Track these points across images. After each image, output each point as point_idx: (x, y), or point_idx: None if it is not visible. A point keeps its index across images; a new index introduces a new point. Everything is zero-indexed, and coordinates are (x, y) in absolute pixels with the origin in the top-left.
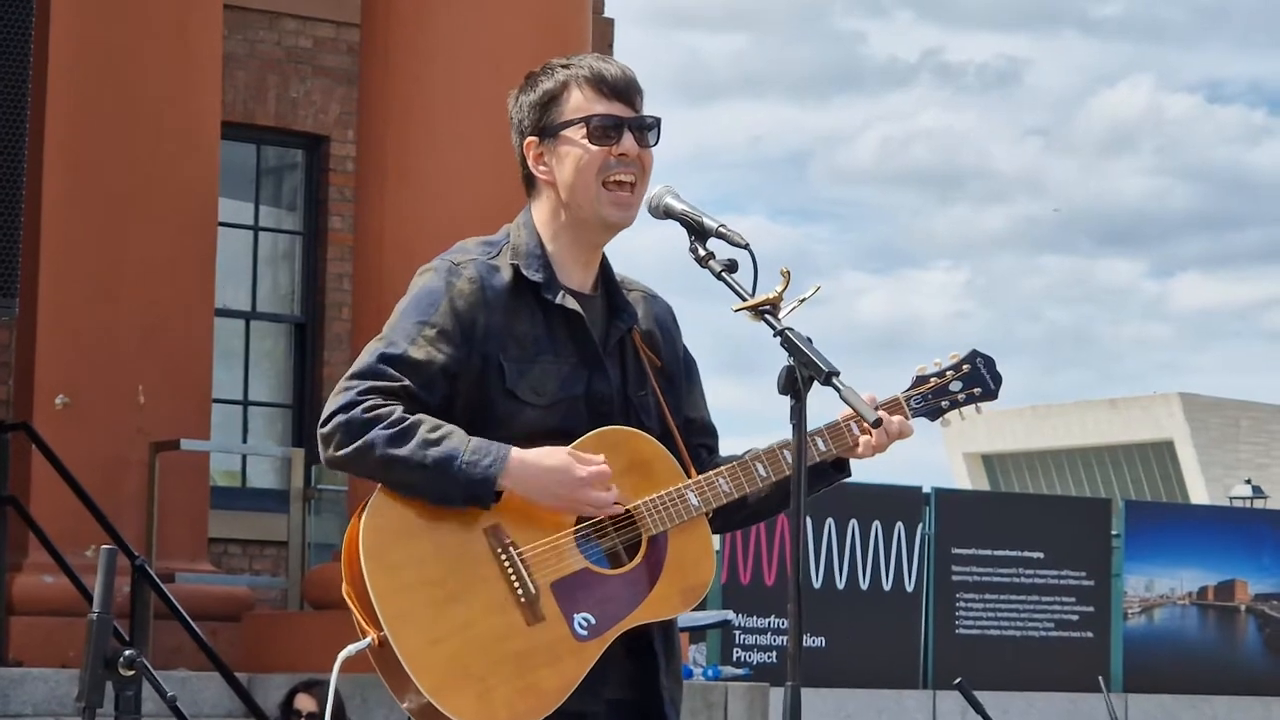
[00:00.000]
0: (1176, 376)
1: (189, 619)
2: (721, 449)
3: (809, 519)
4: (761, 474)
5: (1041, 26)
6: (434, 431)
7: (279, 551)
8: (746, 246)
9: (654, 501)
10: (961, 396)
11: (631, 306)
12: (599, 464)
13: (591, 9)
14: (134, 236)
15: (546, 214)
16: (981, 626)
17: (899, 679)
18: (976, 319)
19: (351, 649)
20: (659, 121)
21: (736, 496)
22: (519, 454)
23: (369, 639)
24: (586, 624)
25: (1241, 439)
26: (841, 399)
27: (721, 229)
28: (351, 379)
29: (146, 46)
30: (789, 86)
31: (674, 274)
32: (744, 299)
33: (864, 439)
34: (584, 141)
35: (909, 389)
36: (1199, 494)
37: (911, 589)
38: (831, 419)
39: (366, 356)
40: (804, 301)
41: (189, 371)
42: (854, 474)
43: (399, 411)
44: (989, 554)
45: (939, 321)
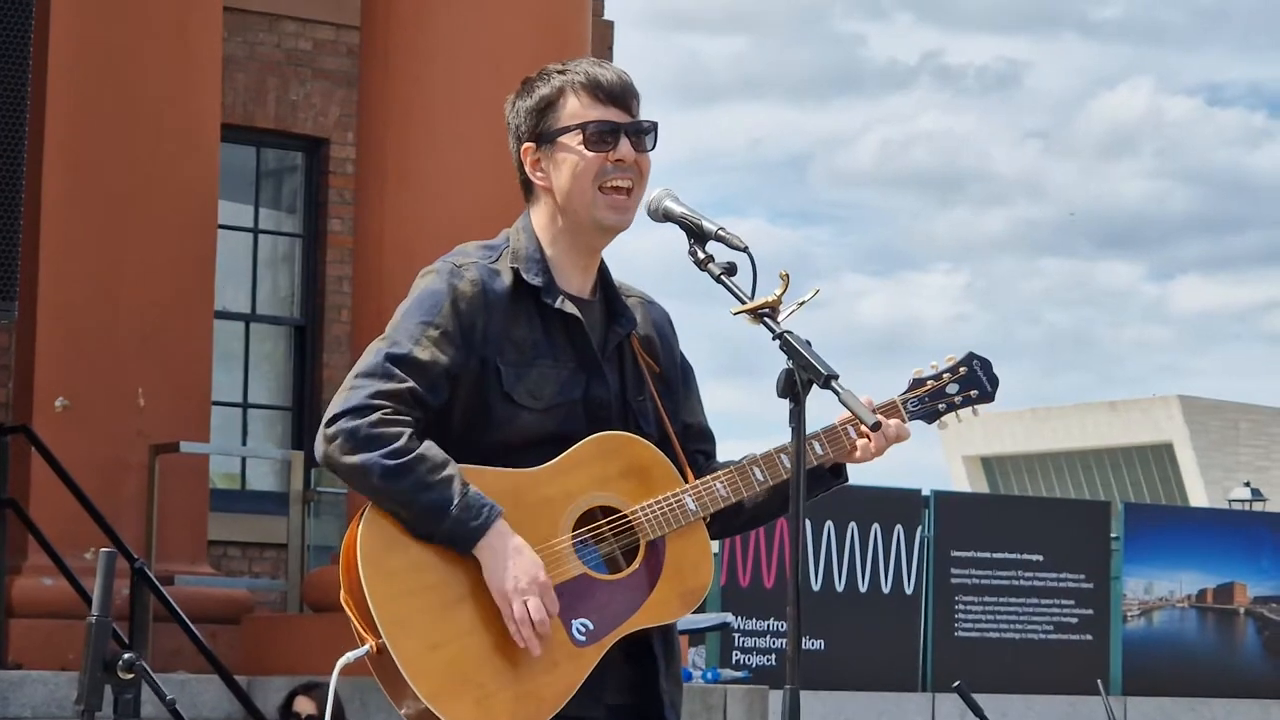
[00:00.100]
0: (1176, 379)
1: (188, 621)
2: (721, 451)
3: (808, 522)
4: (759, 478)
5: (1041, 29)
6: (433, 474)
7: (278, 554)
8: (746, 249)
9: (652, 506)
10: (958, 399)
11: (630, 312)
12: (544, 615)
13: (591, 11)
14: (134, 239)
15: (545, 219)
16: (980, 629)
17: (898, 682)
18: (976, 321)
19: (350, 656)
20: (655, 126)
21: (734, 501)
22: (501, 529)
23: (367, 646)
24: (584, 629)
25: (1241, 442)
26: (840, 402)
27: (720, 232)
28: (359, 378)
29: (146, 48)
30: (789, 89)
31: (673, 277)
32: (743, 302)
33: (861, 442)
34: (580, 148)
35: (906, 392)
36: (1198, 497)
37: (910, 592)
38: (829, 423)
39: (372, 356)
40: (803, 305)
41: (188, 374)
42: (853, 477)
43: (404, 438)
44: (988, 557)
45: (939, 324)
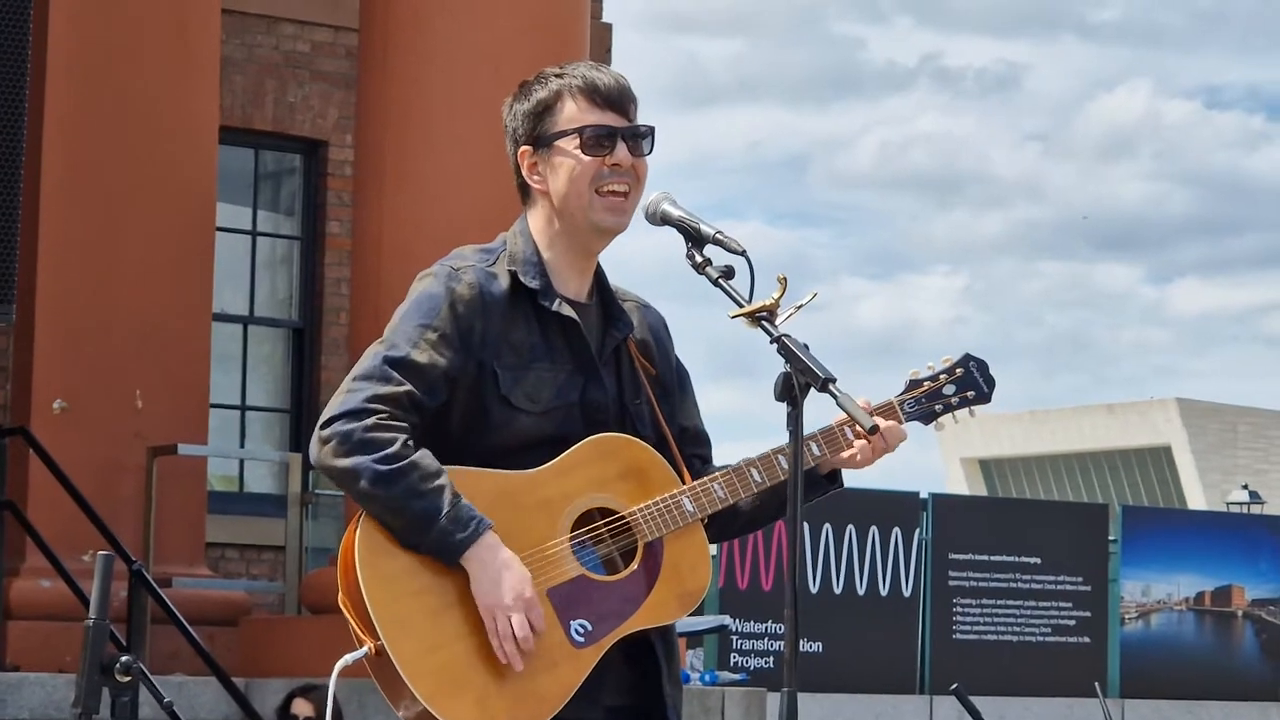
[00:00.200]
0: (1174, 381)
1: (186, 624)
2: (720, 454)
3: (806, 524)
4: (756, 479)
5: (1040, 31)
6: (424, 482)
7: (276, 556)
8: (743, 253)
9: (649, 508)
10: (955, 400)
11: (627, 315)
12: (528, 631)
13: (589, 13)
14: (132, 241)
15: (541, 222)
16: (978, 632)
17: (896, 684)
18: (975, 324)
19: (348, 659)
20: (652, 130)
21: (731, 502)
22: (490, 542)
23: (366, 648)
24: (583, 630)
25: (1239, 444)
26: (838, 405)
27: (718, 235)
28: (357, 380)
29: (144, 50)
30: (787, 91)
31: (671, 280)
32: (741, 305)
33: (859, 444)
34: (577, 152)
35: (902, 393)
36: (1196, 499)
37: (909, 594)
38: (826, 424)
39: (370, 359)
40: (800, 308)
41: (186, 376)
42: (851, 479)
43: (399, 444)
44: (986, 559)
45: (937, 326)
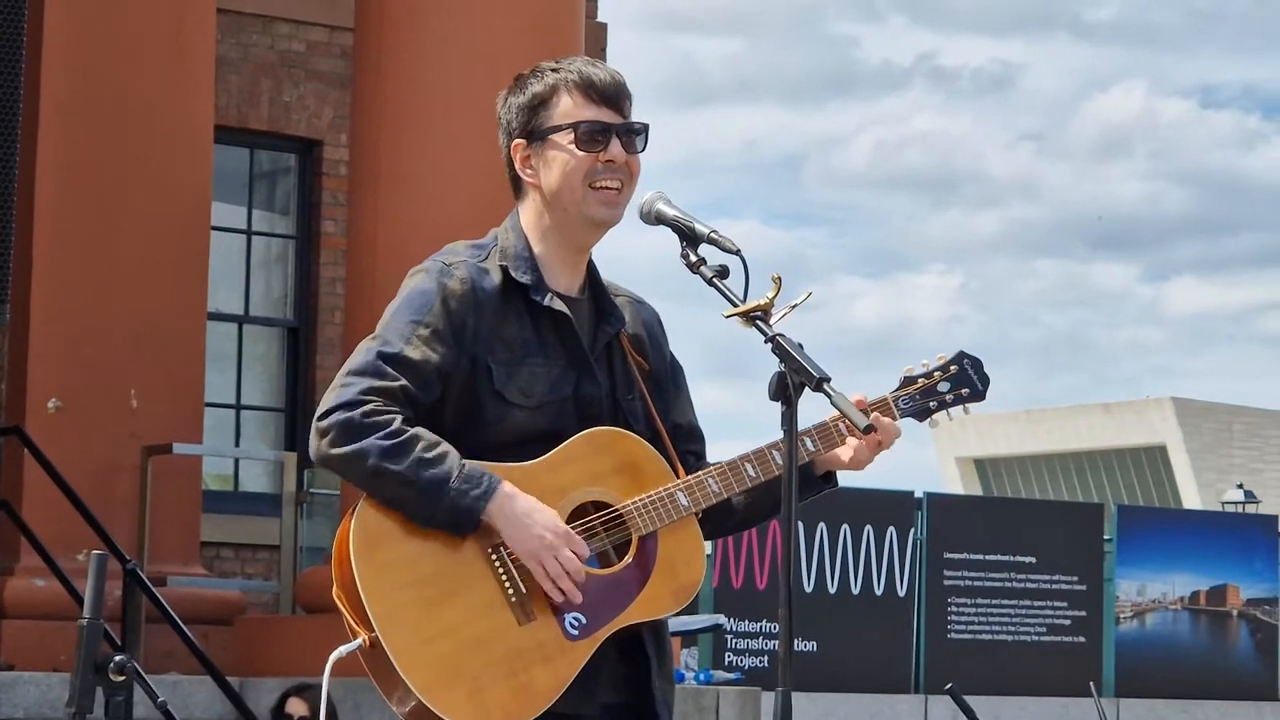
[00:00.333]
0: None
1: (180, 623)
2: (714, 452)
3: (801, 523)
4: (750, 474)
5: (1035, 30)
6: (429, 450)
7: (271, 555)
8: (738, 252)
9: (643, 502)
10: (949, 397)
11: (619, 310)
12: (578, 563)
13: (584, 13)
14: (127, 240)
15: (533, 217)
16: (973, 631)
17: (890, 684)
18: (970, 323)
19: (343, 650)
20: (647, 128)
21: (726, 496)
22: (508, 491)
23: (360, 640)
24: (577, 624)
25: (1234, 444)
26: (832, 405)
27: (713, 235)
28: (350, 375)
29: (139, 50)
30: (783, 90)
31: (665, 279)
32: (735, 305)
33: (853, 442)
34: (571, 147)
35: (897, 389)
36: (1191, 499)
37: (903, 593)
38: (820, 420)
39: (362, 354)
40: (795, 308)
41: (181, 375)
42: (846, 478)
43: (398, 421)
44: (981, 558)
45: (933, 326)
